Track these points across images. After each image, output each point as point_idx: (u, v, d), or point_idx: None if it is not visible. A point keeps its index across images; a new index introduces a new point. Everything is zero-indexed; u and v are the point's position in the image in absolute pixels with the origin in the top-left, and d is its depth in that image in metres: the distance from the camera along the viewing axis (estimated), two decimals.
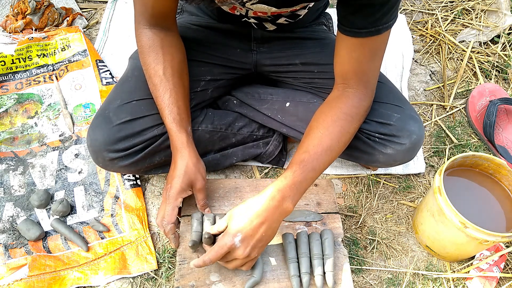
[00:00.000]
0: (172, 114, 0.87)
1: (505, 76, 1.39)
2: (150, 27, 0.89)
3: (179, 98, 0.88)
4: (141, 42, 0.90)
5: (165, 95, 0.87)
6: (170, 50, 0.90)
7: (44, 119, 1.19)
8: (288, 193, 0.77)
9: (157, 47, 0.88)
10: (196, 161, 0.88)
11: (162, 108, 0.87)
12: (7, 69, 1.28)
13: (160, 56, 0.88)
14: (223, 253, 0.76)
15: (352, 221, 1.05)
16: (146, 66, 0.89)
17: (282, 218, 0.78)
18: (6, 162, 1.09)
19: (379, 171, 1.13)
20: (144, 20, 0.88)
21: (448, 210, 0.86)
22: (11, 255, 0.93)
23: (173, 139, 0.87)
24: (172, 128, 0.87)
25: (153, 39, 0.88)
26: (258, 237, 0.76)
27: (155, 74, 0.88)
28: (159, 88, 0.87)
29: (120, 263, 0.93)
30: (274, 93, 1.04)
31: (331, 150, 0.81)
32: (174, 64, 0.89)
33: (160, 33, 0.89)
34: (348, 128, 0.83)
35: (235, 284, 0.86)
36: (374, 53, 0.81)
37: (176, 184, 0.85)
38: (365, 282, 0.96)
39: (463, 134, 1.25)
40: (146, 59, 0.89)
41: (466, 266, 0.98)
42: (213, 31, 1.03)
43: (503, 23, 1.46)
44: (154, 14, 0.87)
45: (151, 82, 0.89)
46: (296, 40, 1.03)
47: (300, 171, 0.78)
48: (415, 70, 1.41)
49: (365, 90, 0.85)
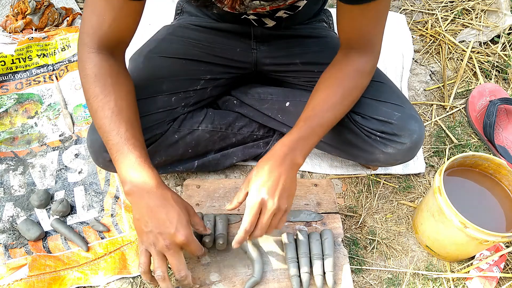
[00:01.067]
0: (136, 149, 0.74)
1: (505, 76, 1.39)
2: (98, 52, 0.77)
3: (137, 132, 0.77)
4: (85, 70, 0.77)
5: (120, 128, 0.74)
6: (119, 80, 0.78)
7: (44, 119, 1.19)
8: (295, 145, 0.79)
9: (105, 76, 0.76)
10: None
11: (118, 143, 0.74)
12: (7, 69, 1.28)
13: (108, 86, 0.76)
14: (256, 212, 0.75)
15: (352, 221, 1.05)
16: (94, 97, 0.76)
17: (294, 169, 0.79)
18: (6, 162, 1.09)
19: (379, 171, 1.13)
20: (92, 41, 0.76)
21: (448, 210, 0.86)
22: (11, 255, 0.93)
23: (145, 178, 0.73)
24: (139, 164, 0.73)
25: (100, 65, 0.76)
26: (281, 187, 0.76)
27: (105, 106, 0.75)
28: (112, 120, 0.74)
29: (120, 263, 0.93)
30: (274, 93, 1.04)
31: (336, 108, 0.83)
32: (125, 95, 0.78)
33: (108, 59, 0.78)
34: (353, 87, 0.86)
35: (235, 284, 0.86)
36: (376, 19, 0.81)
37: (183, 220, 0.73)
38: (365, 282, 0.96)
39: (463, 134, 1.25)
40: (93, 89, 0.76)
41: (466, 266, 0.98)
42: (213, 31, 1.03)
43: (503, 23, 1.46)
44: (108, 37, 0.77)
45: (102, 114, 0.75)
46: (296, 38, 1.03)
47: (306, 127, 0.80)
48: (415, 70, 1.41)
49: (370, 52, 0.85)
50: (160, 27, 1.08)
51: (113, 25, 0.75)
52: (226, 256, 0.90)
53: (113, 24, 0.75)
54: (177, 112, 0.95)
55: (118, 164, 0.74)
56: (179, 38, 1.01)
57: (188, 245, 0.73)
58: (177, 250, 0.73)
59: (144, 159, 0.74)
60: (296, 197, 1.01)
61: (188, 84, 0.97)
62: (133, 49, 1.02)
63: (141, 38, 1.12)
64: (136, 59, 0.99)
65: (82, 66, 0.78)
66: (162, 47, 1.00)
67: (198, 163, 1.02)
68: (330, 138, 0.99)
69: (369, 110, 0.92)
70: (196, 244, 0.75)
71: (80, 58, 0.78)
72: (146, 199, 0.73)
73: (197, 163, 1.02)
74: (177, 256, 0.73)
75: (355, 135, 0.94)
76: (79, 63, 0.78)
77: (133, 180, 0.73)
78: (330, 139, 0.99)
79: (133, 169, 0.73)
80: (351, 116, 0.93)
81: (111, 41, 0.77)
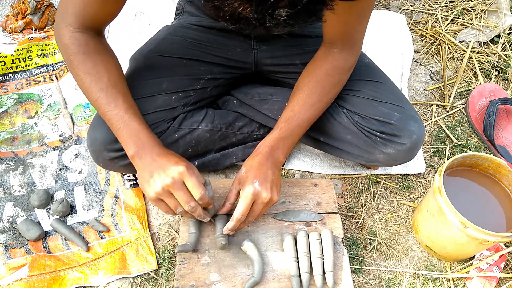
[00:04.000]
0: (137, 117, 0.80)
1: (505, 76, 1.39)
2: (82, 31, 0.79)
3: (133, 103, 0.82)
4: (70, 48, 0.79)
5: (118, 100, 0.79)
6: (107, 57, 0.83)
7: (44, 119, 1.19)
8: (277, 145, 0.86)
9: (94, 53, 0.80)
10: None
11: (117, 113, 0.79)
12: (7, 69, 1.28)
13: (98, 62, 0.80)
14: (249, 203, 0.80)
15: (352, 221, 1.05)
16: (85, 74, 0.79)
17: (277, 166, 0.85)
18: (6, 162, 1.09)
19: (379, 171, 1.13)
20: (76, 21, 0.78)
21: (448, 210, 0.86)
22: (11, 255, 0.93)
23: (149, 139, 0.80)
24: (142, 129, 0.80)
25: (86, 43, 0.79)
26: (270, 179, 0.82)
27: (99, 81, 0.79)
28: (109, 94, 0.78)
29: (120, 263, 0.93)
30: (274, 94, 1.04)
31: (315, 108, 0.88)
32: (116, 71, 0.82)
33: (93, 37, 0.81)
34: (332, 85, 0.89)
35: (235, 284, 0.86)
36: (362, 15, 0.83)
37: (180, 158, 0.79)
38: (365, 282, 0.96)
39: (463, 134, 1.25)
40: (83, 66, 0.79)
41: (466, 266, 0.98)
42: (213, 30, 1.02)
43: (503, 23, 1.46)
44: (93, 18, 0.79)
45: (96, 89, 0.79)
46: (297, 37, 1.03)
47: (286, 128, 0.87)
48: (415, 70, 1.41)
49: (351, 49, 0.89)
50: (160, 27, 1.08)
51: (99, 6, 0.78)
52: (226, 256, 0.90)
53: (99, 5, 0.78)
54: (177, 111, 0.95)
55: (120, 132, 0.79)
56: (179, 38, 1.01)
57: (189, 176, 0.76)
58: (181, 184, 0.76)
59: (144, 125, 0.81)
60: (296, 197, 1.01)
61: (188, 83, 0.97)
62: (133, 49, 1.02)
63: (141, 38, 1.12)
64: (137, 59, 0.99)
65: (67, 45, 0.79)
66: (163, 47, 1.00)
67: (198, 162, 1.02)
68: (329, 138, 0.99)
69: (369, 110, 0.92)
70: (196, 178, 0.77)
71: (63, 36, 0.79)
72: (150, 156, 0.78)
73: (197, 163, 1.02)
74: (183, 190, 0.76)
75: (355, 135, 0.94)
76: (62, 41, 0.79)
77: (138, 143, 0.79)
78: (330, 139, 0.99)
79: (135, 135, 0.79)
80: (351, 116, 0.94)
81: (95, 21, 0.80)
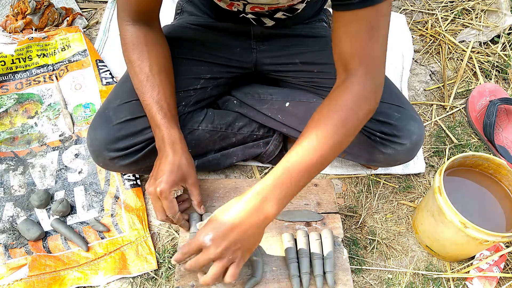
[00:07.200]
0: (163, 110, 0.85)
1: (505, 76, 1.39)
2: (133, 23, 0.87)
3: (168, 95, 0.87)
4: (124, 39, 0.88)
5: (153, 91, 0.85)
6: (155, 46, 0.88)
7: (44, 119, 1.19)
8: (269, 195, 0.70)
9: (141, 44, 0.87)
10: (189, 157, 0.88)
11: (150, 104, 0.85)
12: (7, 69, 1.28)
13: (145, 53, 0.86)
14: (193, 248, 0.72)
15: (352, 221, 1.05)
16: (131, 63, 0.87)
17: (263, 222, 0.71)
18: (6, 162, 1.09)
19: (379, 171, 1.13)
20: (127, 16, 0.86)
21: (448, 210, 0.86)
22: (11, 255, 0.93)
23: (164, 135, 0.85)
24: (164, 124, 0.85)
25: (136, 35, 0.87)
26: (232, 239, 0.70)
27: (141, 71, 0.86)
28: (145, 84, 0.85)
29: (120, 263, 0.93)
30: (274, 93, 1.04)
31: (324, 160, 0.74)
32: (160, 60, 0.88)
33: (143, 29, 0.87)
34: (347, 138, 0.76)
35: (235, 284, 0.86)
36: (373, 29, 0.73)
37: (169, 177, 0.82)
38: (365, 282, 0.96)
39: (463, 134, 1.25)
40: (131, 56, 0.87)
41: (466, 266, 0.98)
42: (213, 30, 1.03)
43: (503, 23, 1.46)
44: (137, 10, 0.86)
45: (137, 79, 0.87)
46: (296, 37, 1.03)
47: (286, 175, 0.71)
48: (415, 70, 1.41)
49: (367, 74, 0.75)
50: None
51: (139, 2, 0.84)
52: None
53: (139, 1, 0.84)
54: (178, 112, 0.95)
55: (150, 122, 0.87)
56: (179, 38, 1.01)
57: (163, 198, 0.83)
58: (166, 195, 0.83)
59: (168, 119, 0.85)
60: (296, 197, 1.01)
61: (188, 83, 0.97)
62: None
63: None
64: None
65: (121, 36, 0.88)
66: None
67: (198, 162, 1.02)
68: None
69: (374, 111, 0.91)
70: (169, 202, 0.83)
71: (120, 30, 0.88)
72: (160, 153, 0.86)
73: (197, 163, 1.02)
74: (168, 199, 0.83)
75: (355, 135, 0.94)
76: (120, 35, 0.89)
77: (157, 137, 0.86)
78: None
79: (157, 128, 0.85)
80: None
81: (141, 14, 0.87)
